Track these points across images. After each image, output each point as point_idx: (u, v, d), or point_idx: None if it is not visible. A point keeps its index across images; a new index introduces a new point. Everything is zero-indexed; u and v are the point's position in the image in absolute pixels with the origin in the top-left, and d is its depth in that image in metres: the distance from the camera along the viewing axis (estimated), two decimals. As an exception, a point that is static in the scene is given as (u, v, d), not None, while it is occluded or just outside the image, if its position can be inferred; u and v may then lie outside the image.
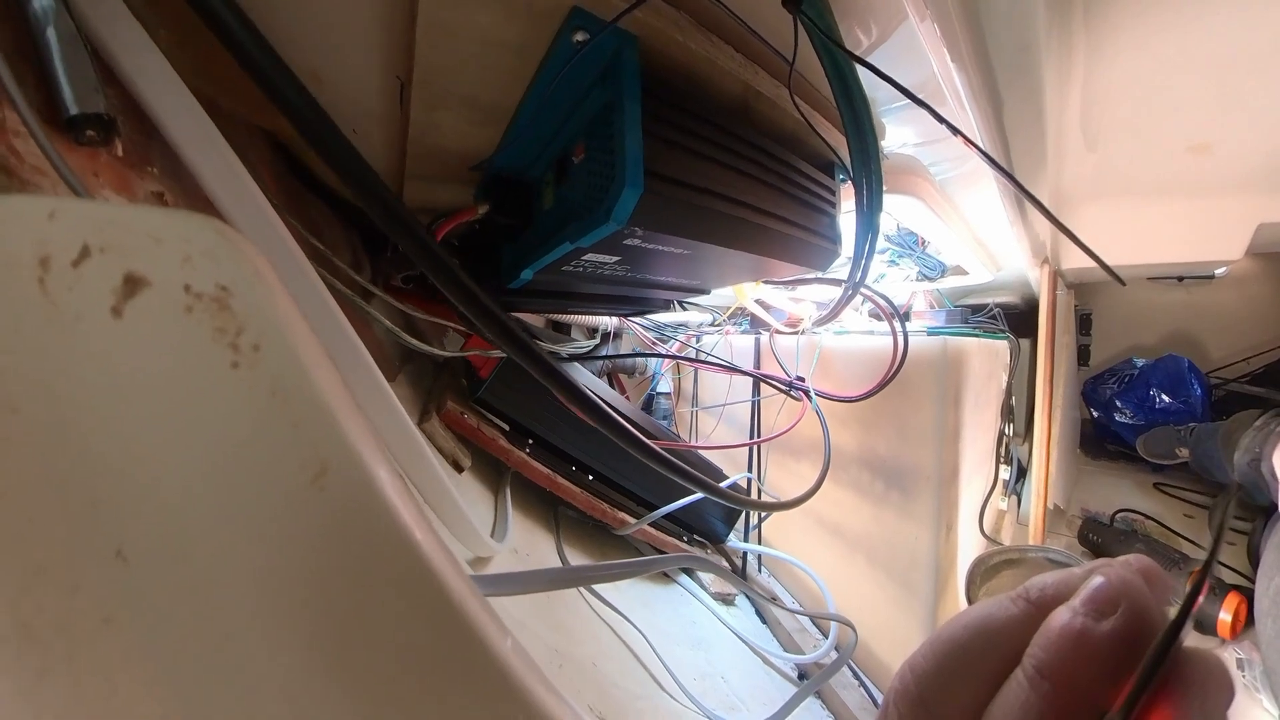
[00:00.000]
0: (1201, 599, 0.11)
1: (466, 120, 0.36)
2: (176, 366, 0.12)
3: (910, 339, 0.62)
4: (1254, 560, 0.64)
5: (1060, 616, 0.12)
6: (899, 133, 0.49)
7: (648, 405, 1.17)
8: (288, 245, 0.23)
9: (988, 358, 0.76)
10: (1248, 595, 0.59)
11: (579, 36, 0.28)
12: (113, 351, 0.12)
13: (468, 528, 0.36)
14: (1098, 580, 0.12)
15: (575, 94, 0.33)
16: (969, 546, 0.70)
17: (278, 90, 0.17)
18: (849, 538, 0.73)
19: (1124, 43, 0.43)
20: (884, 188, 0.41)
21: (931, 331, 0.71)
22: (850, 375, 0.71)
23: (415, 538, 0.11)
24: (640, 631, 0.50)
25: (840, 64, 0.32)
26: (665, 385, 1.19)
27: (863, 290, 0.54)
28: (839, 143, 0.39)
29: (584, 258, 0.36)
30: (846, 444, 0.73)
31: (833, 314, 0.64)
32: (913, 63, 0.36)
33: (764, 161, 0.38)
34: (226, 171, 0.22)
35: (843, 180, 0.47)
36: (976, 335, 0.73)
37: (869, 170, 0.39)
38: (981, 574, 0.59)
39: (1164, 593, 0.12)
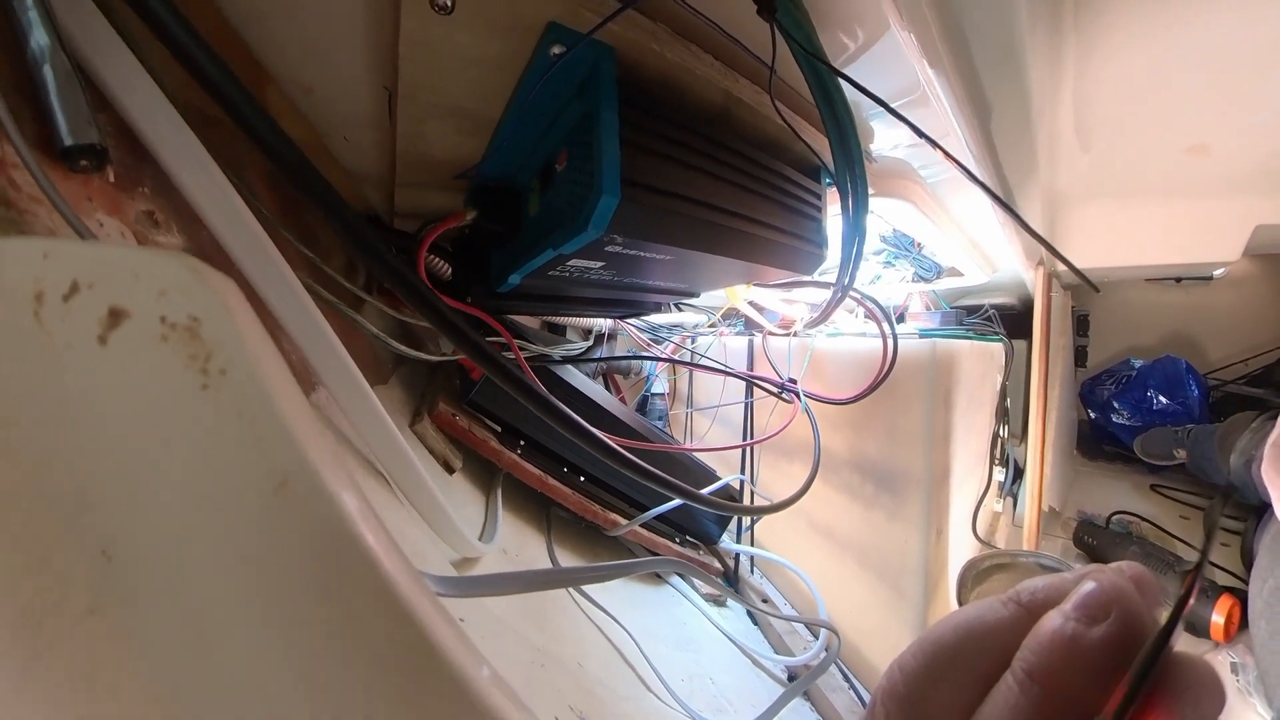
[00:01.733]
0: (1191, 603, 0.11)
1: (453, 130, 0.36)
2: (154, 388, 0.13)
3: (900, 341, 0.62)
4: (1248, 562, 0.63)
5: (1052, 621, 0.12)
6: (889, 135, 0.49)
7: (642, 406, 1.18)
8: (272, 259, 0.24)
9: (981, 360, 0.76)
10: (1241, 597, 0.59)
11: (556, 50, 0.29)
12: (99, 375, 0.13)
13: (451, 528, 0.37)
14: (1089, 585, 0.12)
15: (556, 105, 0.33)
16: (960, 550, 0.70)
17: (224, 97, 0.17)
18: (840, 540, 0.74)
19: (1117, 43, 0.43)
20: (871, 191, 0.42)
21: (923, 334, 0.71)
22: (842, 377, 0.72)
23: (368, 541, 0.12)
24: (627, 632, 0.51)
25: (819, 70, 0.32)
26: (660, 386, 1.19)
27: (851, 294, 0.55)
28: (823, 146, 0.40)
29: (569, 263, 0.37)
30: (837, 446, 0.74)
31: (822, 317, 0.64)
32: (899, 68, 0.36)
33: (746, 167, 0.38)
34: (214, 190, 0.23)
35: (829, 184, 0.48)
36: (969, 337, 0.73)
37: (853, 174, 0.39)
38: (973, 578, 0.59)
39: (1155, 599, 0.12)
